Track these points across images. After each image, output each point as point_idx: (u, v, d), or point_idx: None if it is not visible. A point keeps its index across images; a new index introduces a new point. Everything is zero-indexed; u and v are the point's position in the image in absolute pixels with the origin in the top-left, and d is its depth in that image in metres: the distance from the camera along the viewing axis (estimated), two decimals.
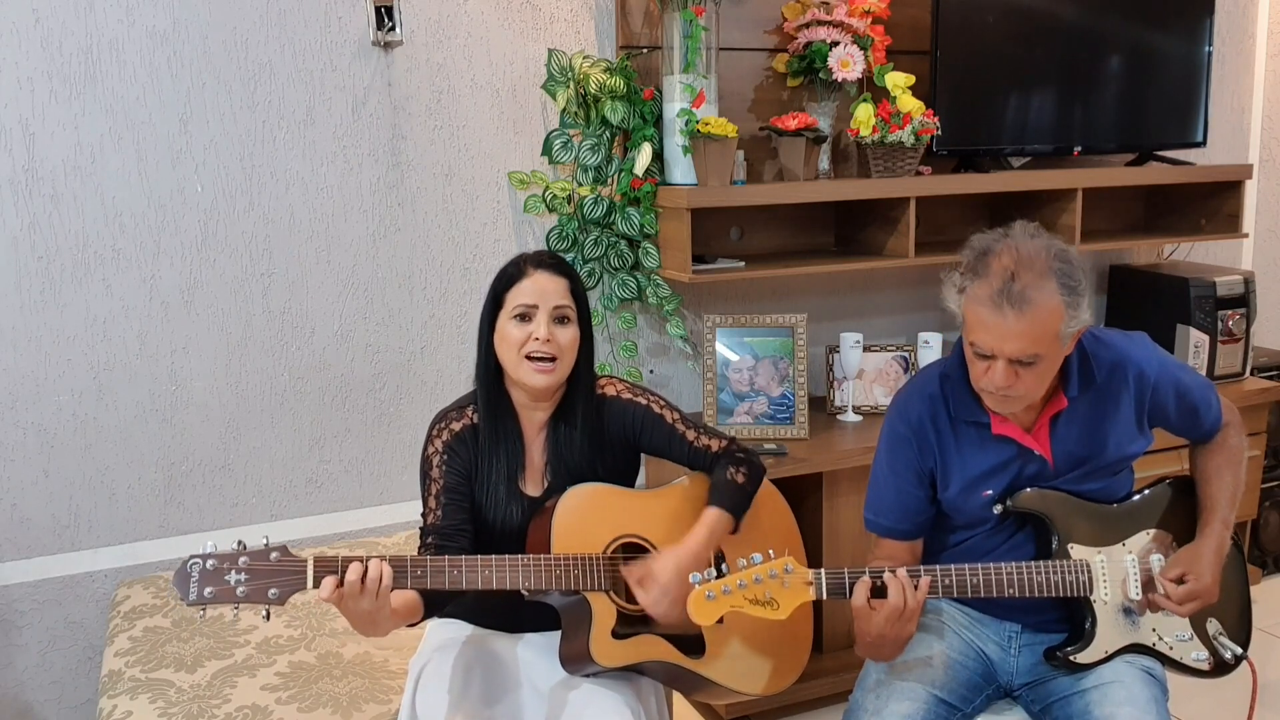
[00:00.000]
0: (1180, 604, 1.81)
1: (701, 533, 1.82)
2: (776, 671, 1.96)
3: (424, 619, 1.77)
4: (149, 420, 2.58)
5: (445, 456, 1.86)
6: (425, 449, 1.88)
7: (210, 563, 1.59)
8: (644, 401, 1.94)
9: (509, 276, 1.86)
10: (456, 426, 1.88)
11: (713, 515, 1.85)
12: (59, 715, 2.61)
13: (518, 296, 1.83)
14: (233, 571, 1.59)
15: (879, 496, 1.93)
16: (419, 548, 1.83)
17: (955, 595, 1.79)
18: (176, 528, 2.64)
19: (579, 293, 1.87)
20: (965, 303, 1.74)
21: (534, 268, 1.85)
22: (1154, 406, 1.87)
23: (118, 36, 2.43)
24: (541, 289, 1.82)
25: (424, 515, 1.85)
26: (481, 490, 1.87)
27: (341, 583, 1.59)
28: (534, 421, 1.90)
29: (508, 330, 1.83)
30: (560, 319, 1.83)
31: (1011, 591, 1.80)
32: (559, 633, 1.84)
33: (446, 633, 1.93)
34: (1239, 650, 1.88)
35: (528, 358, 1.81)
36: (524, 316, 1.82)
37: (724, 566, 1.70)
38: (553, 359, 1.81)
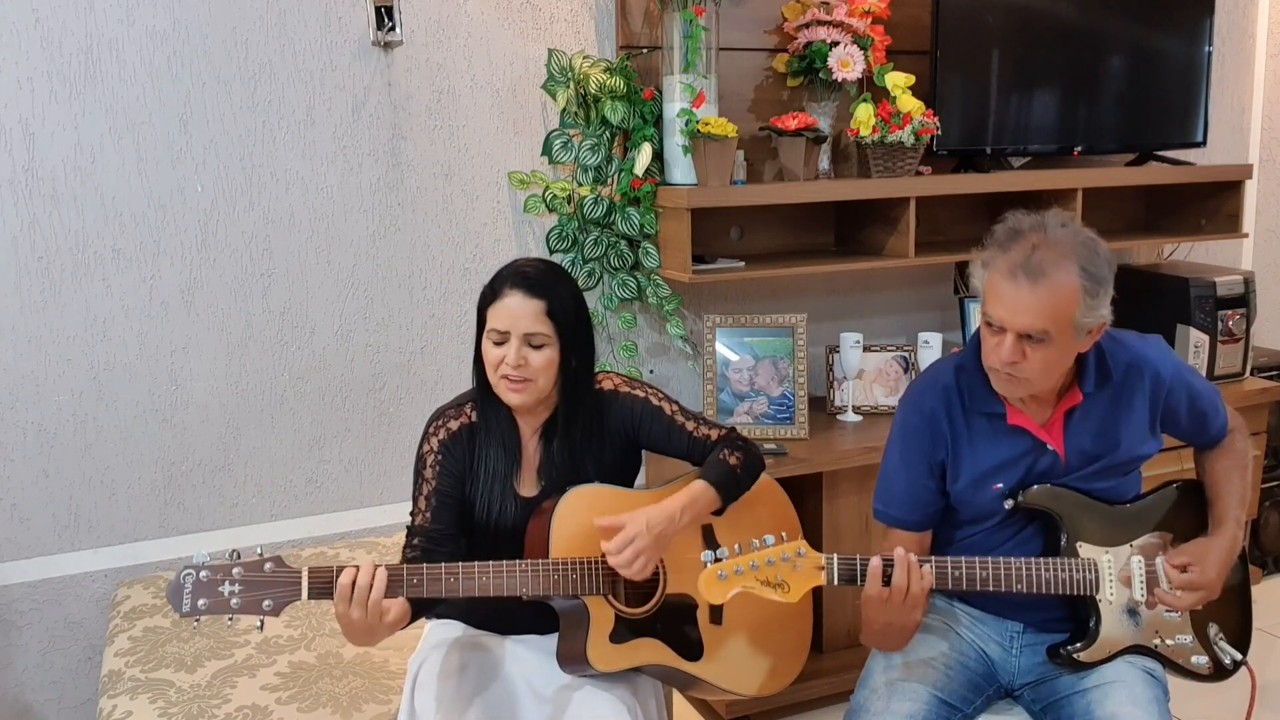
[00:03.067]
0: (1181, 591, 1.80)
1: (681, 497, 1.81)
2: (774, 672, 1.96)
3: (413, 620, 1.76)
4: (149, 420, 2.58)
5: (440, 457, 1.85)
6: (421, 446, 1.88)
7: (204, 574, 1.58)
8: (642, 394, 1.94)
9: (486, 296, 1.83)
10: (454, 425, 1.88)
11: (698, 486, 1.83)
12: (59, 715, 2.61)
13: (492, 319, 1.80)
14: (226, 583, 1.58)
15: (889, 487, 1.93)
16: (404, 547, 1.82)
17: (964, 587, 1.78)
18: (176, 528, 2.64)
19: (557, 313, 1.80)
20: (986, 274, 1.75)
21: (510, 288, 1.79)
22: (1167, 409, 1.87)
23: (118, 36, 2.43)
24: (513, 315, 1.78)
25: (412, 515, 1.85)
26: (476, 489, 1.86)
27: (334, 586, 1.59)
28: (529, 425, 1.90)
29: (487, 348, 1.82)
30: (533, 345, 1.79)
31: (1019, 587, 1.80)
32: (557, 634, 1.84)
33: (445, 633, 1.93)
34: (1238, 656, 1.88)
35: (503, 377, 1.80)
36: (498, 341, 1.80)
37: (721, 551, 1.69)
38: (526, 380, 1.80)
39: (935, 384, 1.89)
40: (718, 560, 1.66)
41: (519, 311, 1.78)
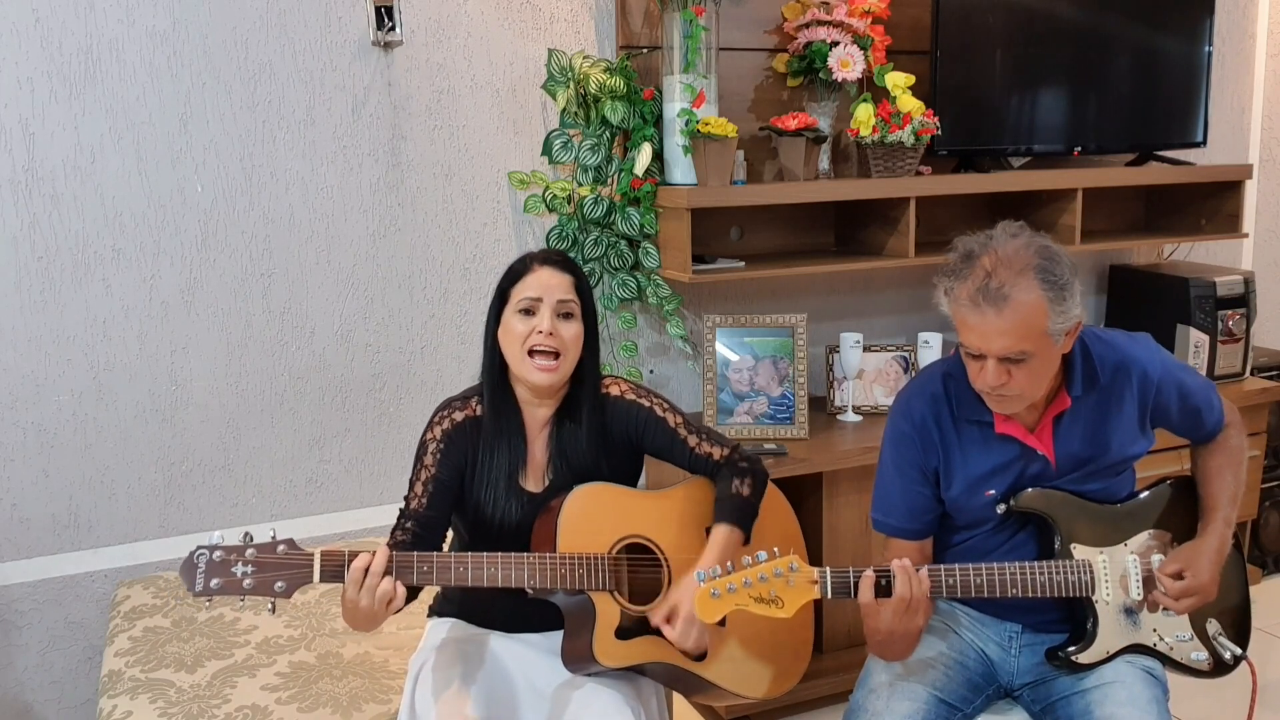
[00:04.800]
0: (1177, 599, 1.81)
1: (713, 553, 1.83)
2: (777, 675, 1.96)
3: (407, 601, 1.75)
4: (149, 420, 2.58)
5: (443, 446, 1.86)
6: (425, 434, 1.89)
7: (217, 554, 1.60)
8: (647, 403, 1.94)
9: (515, 272, 1.88)
10: (459, 417, 1.89)
11: (723, 533, 1.85)
12: (59, 715, 2.61)
13: (523, 290, 1.84)
14: (239, 563, 1.60)
15: (885, 497, 1.93)
16: (394, 528, 1.83)
17: (959, 595, 1.79)
18: (176, 528, 2.64)
19: (584, 290, 1.88)
20: (951, 305, 1.76)
21: (540, 264, 1.87)
22: (1157, 407, 1.87)
23: (118, 36, 2.43)
24: (546, 284, 1.84)
25: (407, 498, 1.86)
26: (480, 484, 1.87)
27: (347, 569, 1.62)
28: (537, 418, 1.91)
29: (512, 324, 1.84)
30: (564, 314, 1.84)
31: (1014, 592, 1.80)
32: (559, 632, 1.84)
33: (445, 632, 1.93)
34: (1238, 651, 1.88)
35: (531, 353, 1.82)
36: (528, 311, 1.83)
37: (713, 569, 1.69)
38: (555, 354, 1.82)
39: (924, 392, 1.90)
40: (710, 579, 1.66)
41: (552, 282, 1.84)
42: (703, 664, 1.86)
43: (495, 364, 1.88)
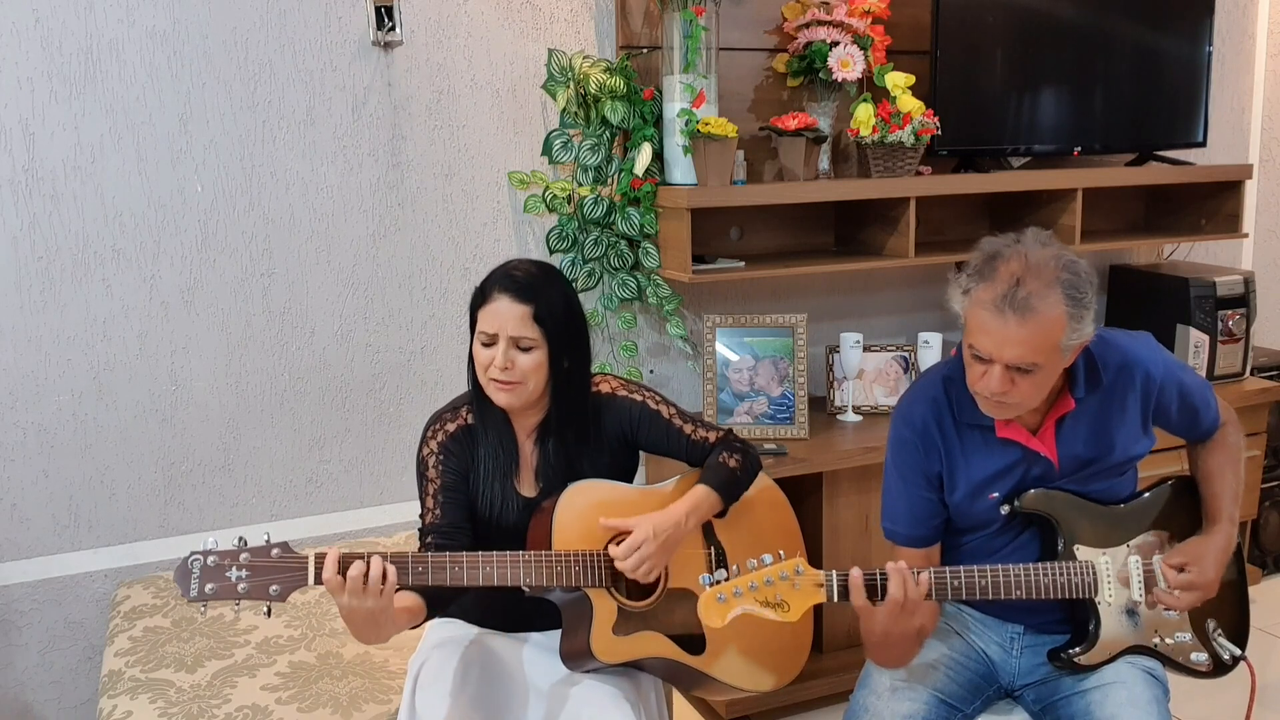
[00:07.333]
0: (1179, 592, 1.80)
1: (685, 503, 1.84)
2: (777, 669, 1.96)
3: (426, 620, 1.77)
4: (149, 420, 2.58)
5: (441, 456, 1.86)
6: (420, 450, 1.89)
7: (211, 559, 1.60)
8: (639, 398, 1.94)
9: (476, 298, 1.84)
10: (451, 427, 1.89)
11: (700, 491, 1.86)
12: (59, 715, 2.61)
13: (481, 321, 1.81)
14: (234, 568, 1.60)
15: (893, 505, 1.91)
16: (419, 548, 1.83)
17: (963, 597, 1.78)
18: (176, 528, 2.64)
19: (545, 317, 1.79)
20: (969, 305, 1.72)
21: (499, 291, 1.79)
22: (1158, 407, 1.86)
23: (118, 36, 2.43)
24: (501, 318, 1.78)
25: (422, 516, 1.86)
26: (476, 488, 1.87)
27: (344, 576, 1.59)
28: (524, 426, 1.90)
29: (477, 349, 1.83)
30: (521, 348, 1.79)
31: (1018, 593, 1.79)
32: (558, 631, 1.84)
33: (445, 632, 1.93)
34: (1237, 651, 1.88)
35: (491, 379, 1.81)
36: (486, 342, 1.80)
37: (734, 568, 1.69)
38: (514, 383, 1.80)
39: (924, 396, 1.88)
40: (716, 583, 1.65)
41: (506, 315, 1.78)
42: (702, 659, 1.86)
43: (477, 376, 1.87)
